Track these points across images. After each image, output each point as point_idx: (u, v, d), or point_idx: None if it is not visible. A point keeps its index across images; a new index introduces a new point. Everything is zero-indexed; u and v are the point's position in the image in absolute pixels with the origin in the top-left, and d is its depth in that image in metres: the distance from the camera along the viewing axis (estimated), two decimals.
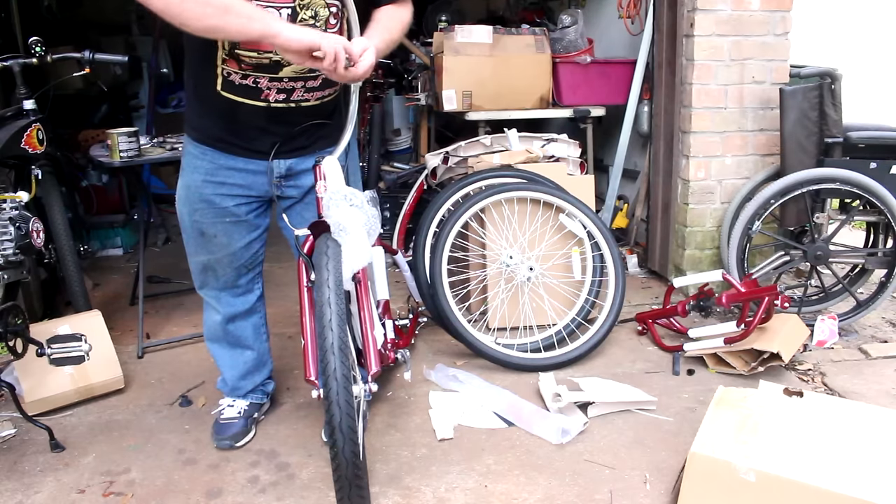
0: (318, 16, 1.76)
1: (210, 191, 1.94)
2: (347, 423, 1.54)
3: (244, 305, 2.15)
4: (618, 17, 3.96)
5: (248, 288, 2.14)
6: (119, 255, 4.21)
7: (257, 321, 2.22)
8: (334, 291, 1.62)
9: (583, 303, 2.82)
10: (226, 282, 2.09)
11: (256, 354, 2.23)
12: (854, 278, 3.11)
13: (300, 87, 1.85)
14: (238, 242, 2.02)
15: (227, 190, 1.95)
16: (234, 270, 2.07)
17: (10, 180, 2.63)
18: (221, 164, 1.93)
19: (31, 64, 2.67)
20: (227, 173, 1.93)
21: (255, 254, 2.10)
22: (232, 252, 2.03)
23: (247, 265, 2.09)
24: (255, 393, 2.27)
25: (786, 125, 2.88)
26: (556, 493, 1.90)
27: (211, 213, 1.97)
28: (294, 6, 1.73)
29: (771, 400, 1.90)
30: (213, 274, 2.07)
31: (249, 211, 2.01)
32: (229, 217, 1.98)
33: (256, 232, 2.06)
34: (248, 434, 2.19)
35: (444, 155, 3.24)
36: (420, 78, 4.13)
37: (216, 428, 2.19)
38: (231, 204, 1.96)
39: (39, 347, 2.17)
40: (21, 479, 1.99)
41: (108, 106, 5.02)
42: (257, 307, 2.21)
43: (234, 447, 2.14)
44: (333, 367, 1.55)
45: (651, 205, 3.59)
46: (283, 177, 1.98)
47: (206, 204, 1.96)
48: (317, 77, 1.84)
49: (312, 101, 1.89)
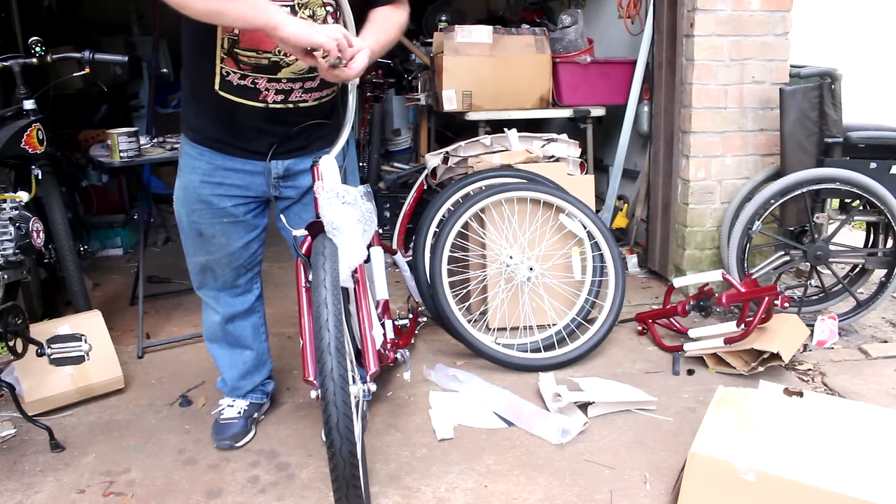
0: (315, 15, 1.76)
1: (208, 191, 1.94)
2: (344, 423, 1.54)
3: (243, 305, 2.15)
4: (618, 17, 3.96)
5: (246, 288, 2.14)
6: (119, 255, 4.21)
7: (256, 321, 2.22)
8: (331, 292, 1.62)
9: (583, 303, 2.82)
10: (224, 282, 2.09)
11: (256, 354, 2.23)
12: (854, 278, 3.11)
13: (298, 87, 1.84)
14: (236, 243, 2.02)
15: (224, 190, 1.94)
16: (233, 271, 2.07)
17: (10, 180, 2.63)
18: (219, 165, 1.92)
19: (31, 64, 2.67)
20: (224, 174, 1.93)
21: (254, 254, 2.09)
22: (230, 252, 2.03)
23: (245, 265, 2.09)
24: (255, 393, 2.27)
25: (786, 125, 2.88)
26: (556, 493, 1.90)
27: (209, 214, 1.96)
28: (293, 5, 1.72)
29: (771, 400, 1.90)
30: (212, 274, 2.07)
31: (248, 211, 2.00)
32: (227, 217, 1.97)
33: (255, 232, 2.05)
34: (248, 434, 2.19)
35: (444, 155, 3.24)
36: (420, 78, 4.13)
37: (216, 428, 2.19)
38: (229, 204, 1.96)
39: (39, 347, 2.16)
40: (21, 479, 1.99)
41: (108, 106, 5.01)
42: (256, 307, 2.21)
43: (234, 447, 2.14)
44: (330, 367, 1.55)
45: (651, 205, 3.59)
46: (281, 177, 1.97)
47: (204, 204, 1.95)
48: (315, 77, 1.83)
49: (311, 101, 1.88)
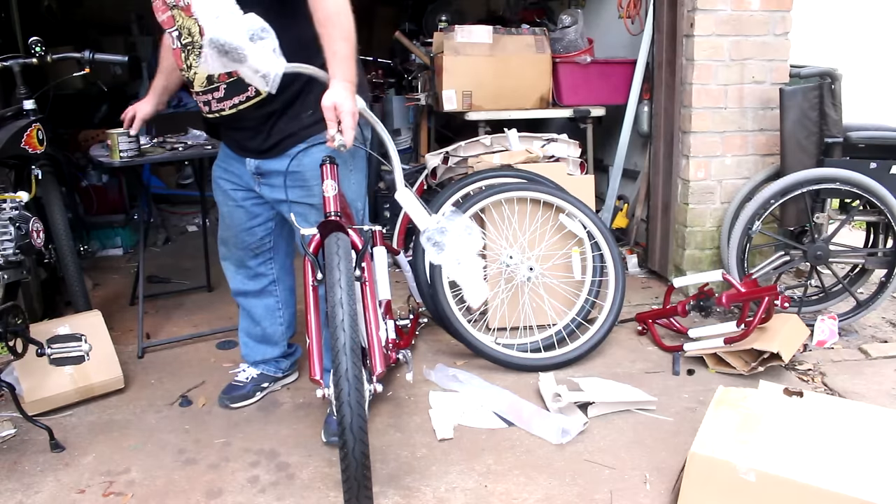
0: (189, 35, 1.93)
1: (219, 174, 2.23)
2: (358, 423, 1.54)
3: (254, 286, 2.35)
4: (618, 17, 3.96)
5: (258, 272, 2.32)
6: (119, 255, 4.20)
7: (271, 303, 2.38)
8: (346, 292, 1.63)
9: (583, 303, 2.82)
10: (237, 259, 2.31)
11: (265, 333, 2.40)
12: (854, 278, 3.11)
13: (211, 98, 1.99)
14: (240, 225, 2.24)
15: (228, 176, 2.20)
16: (241, 251, 2.28)
17: (10, 180, 2.63)
18: (226, 154, 2.20)
19: (31, 64, 2.67)
20: (228, 161, 2.20)
21: (260, 240, 2.27)
22: (236, 233, 2.26)
23: (253, 248, 2.28)
24: (267, 365, 2.43)
25: (786, 125, 2.88)
26: (556, 493, 1.90)
27: (220, 195, 2.24)
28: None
29: (771, 400, 1.90)
30: (226, 248, 2.32)
31: (246, 198, 2.19)
32: (231, 201, 2.22)
33: (256, 220, 2.23)
34: (248, 399, 2.38)
35: (444, 155, 3.24)
36: (420, 78, 4.13)
37: (226, 388, 2.41)
38: (229, 188, 2.20)
39: (39, 347, 2.16)
40: (21, 479, 1.99)
41: (108, 106, 5.01)
42: (270, 290, 2.37)
43: (230, 407, 2.35)
44: (345, 367, 1.56)
45: (651, 205, 3.59)
46: (257, 174, 2.10)
47: (217, 185, 2.24)
48: (218, 87, 1.95)
49: (227, 109, 2.00)
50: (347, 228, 1.81)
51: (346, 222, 1.84)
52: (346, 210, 1.98)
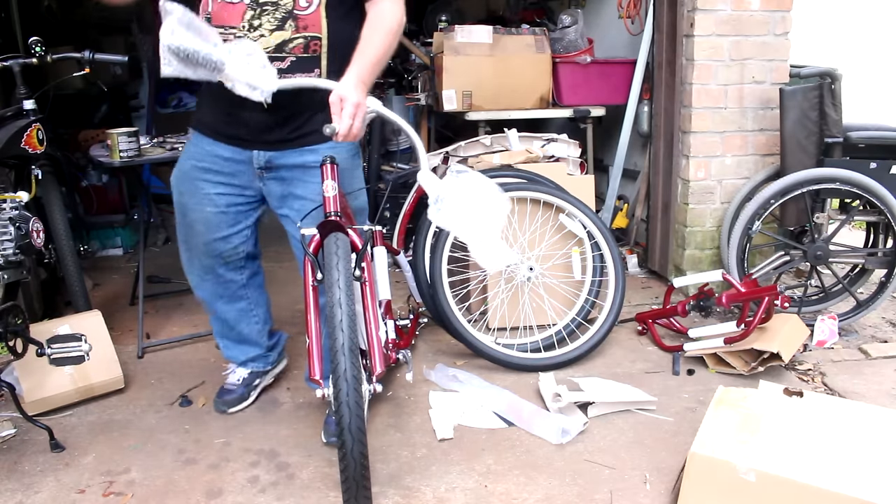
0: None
1: (197, 175, 2.01)
2: (357, 423, 1.54)
3: (224, 292, 2.22)
4: (618, 17, 3.96)
5: (228, 278, 2.20)
6: (119, 255, 4.20)
7: (243, 306, 2.28)
8: (345, 292, 1.62)
9: (583, 303, 2.82)
10: (204, 267, 2.16)
11: (241, 335, 2.31)
12: (854, 278, 3.11)
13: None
14: (214, 234, 2.08)
15: (211, 177, 2.01)
16: (211, 259, 2.14)
17: (10, 180, 2.63)
18: (208, 151, 1.99)
19: (31, 64, 2.66)
20: (213, 160, 2.00)
21: (235, 248, 2.13)
22: (206, 242, 2.09)
23: (224, 257, 2.14)
24: (255, 362, 2.39)
25: (786, 125, 2.88)
26: (556, 493, 1.90)
27: (195, 199, 2.03)
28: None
29: (771, 400, 1.90)
30: (192, 253, 2.16)
31: (232, 203, 2.05)
32: (210, 206, 2.03)
33: (236, 227, 2.09)
34: (244, 402, 2.34)
35: (444, 155, 3.24)
36: (420, 78, 4.12)
37: (219, 391, 2.36)
38: (213, 192, 2.02)
39: (39, 347, 2.16)
40: (21, 479, 1.99)
41: (108, 106, 5.01)
42: (241, 294, 2.25)
43: (226, 412, 2.31)
44: (344, 367, 1.56)
45: (651, 205, 3.59)
46: (264, 168, 1.99)
47: (192, 188, 2.03)
48: (284, 58, 1.84)
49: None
50: (347, 228, 1.81)
51: (346, 222, 1.84)
52: (347, 210, 1.98)
